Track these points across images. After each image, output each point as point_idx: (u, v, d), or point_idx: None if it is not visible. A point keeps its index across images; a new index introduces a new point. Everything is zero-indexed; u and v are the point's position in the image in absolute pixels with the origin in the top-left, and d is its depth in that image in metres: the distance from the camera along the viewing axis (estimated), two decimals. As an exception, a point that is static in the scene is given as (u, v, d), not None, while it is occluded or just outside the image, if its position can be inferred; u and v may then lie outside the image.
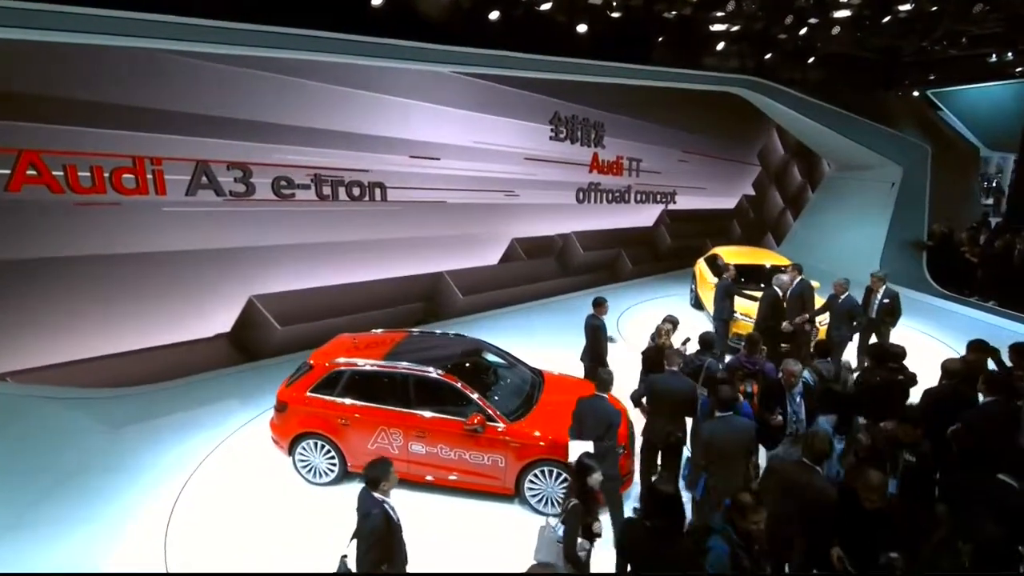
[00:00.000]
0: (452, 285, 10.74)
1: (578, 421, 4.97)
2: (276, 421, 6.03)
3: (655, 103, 12.64)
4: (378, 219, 9.37)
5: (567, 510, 3.61)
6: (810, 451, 3.84)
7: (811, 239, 15.93)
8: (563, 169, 11.54)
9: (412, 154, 9.53)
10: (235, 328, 8.36)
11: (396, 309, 9.94)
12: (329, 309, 9.12)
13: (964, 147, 18.75)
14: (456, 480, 5.61)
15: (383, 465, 3.76)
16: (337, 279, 9.22)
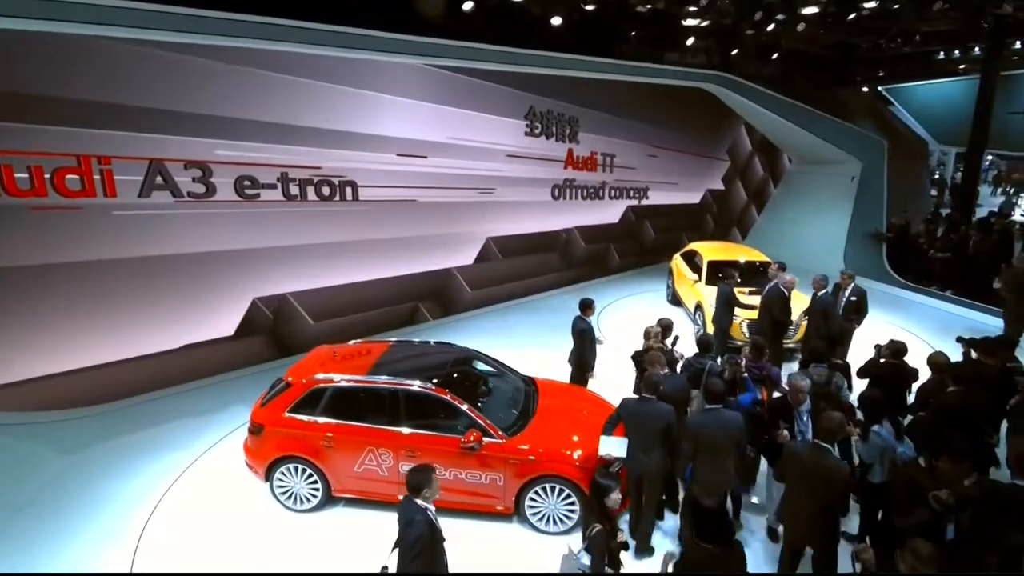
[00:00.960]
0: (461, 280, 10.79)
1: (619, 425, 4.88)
2: (250, 444, 5.55)
3: (629, 98, 12.52)
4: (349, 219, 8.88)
5: (591, 536, 3.37)
6: (822, 432, 3.97)
7: (776, 233, 16.22)
8: (539, 165, 11.27)
9: (395, 152, 9.12)
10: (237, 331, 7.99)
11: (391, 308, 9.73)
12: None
13: (914, 141, 19.53)
14: (451, 501, 5.27)
15: (425, 472, 3.59)
16: (328, 280, 8.91)
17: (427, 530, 3.40)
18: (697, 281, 9.94)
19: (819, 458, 3.84)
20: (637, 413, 4.74)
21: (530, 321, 10.70)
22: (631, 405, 4.82)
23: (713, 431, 4.40)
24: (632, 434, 4.73)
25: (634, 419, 4.76)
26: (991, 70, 14.60)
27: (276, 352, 8.56)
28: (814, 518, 3.88)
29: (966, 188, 16.30)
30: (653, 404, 4.70)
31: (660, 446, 4.63)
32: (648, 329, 6.18)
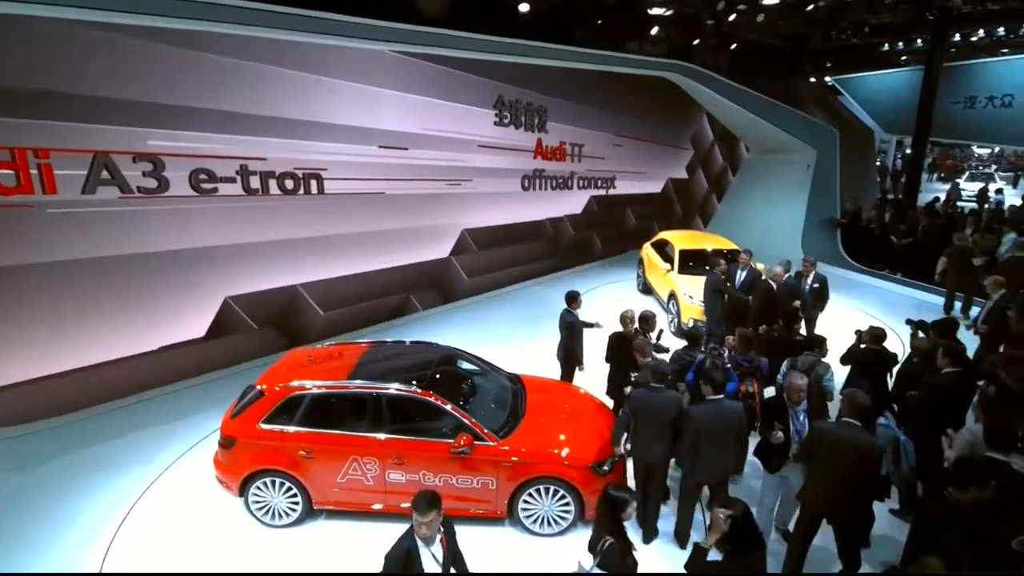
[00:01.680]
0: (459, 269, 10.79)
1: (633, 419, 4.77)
2: (222, 458, 5.17)
3: (595, 87, 12.43)
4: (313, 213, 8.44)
5: (603, 551, 3.22)
6: (852, 408, 4.03)
7: (736, 220, 16.56)
8: (508, 156, 11.04)
9: (362, 142, 8.74)
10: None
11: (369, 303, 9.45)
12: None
13: (862, 130, 20.31)
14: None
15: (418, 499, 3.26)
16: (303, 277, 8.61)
17: (396, 558, 3.16)
18: (670, 270, 9.98)
19: (850, 435, 3.93)
20: (649, 403, 4.72)
21: (504, 315, 10.54)
22: (642, 395, 4.78)
23: (714, 421, 4.46)
24: (643, 424, 4.72)
25: (646, 409, 4.74)
26: (935, 61, 15.28)
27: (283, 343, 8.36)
28: (840, 496, 3.95)
29: (911, 175, 17.10)
30: (663, 392, 4.73)
31: (669, 434, 4.67)
32: (623, 314, 6.14)
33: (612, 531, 3.30)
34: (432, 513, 3.16)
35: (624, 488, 3.46)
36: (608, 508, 3.35)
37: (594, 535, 3.42)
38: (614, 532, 3.30)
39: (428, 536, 3.20)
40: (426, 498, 3.21)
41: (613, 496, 3.36)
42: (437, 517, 3.21)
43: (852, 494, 3.94)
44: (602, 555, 3.21)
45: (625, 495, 3.35)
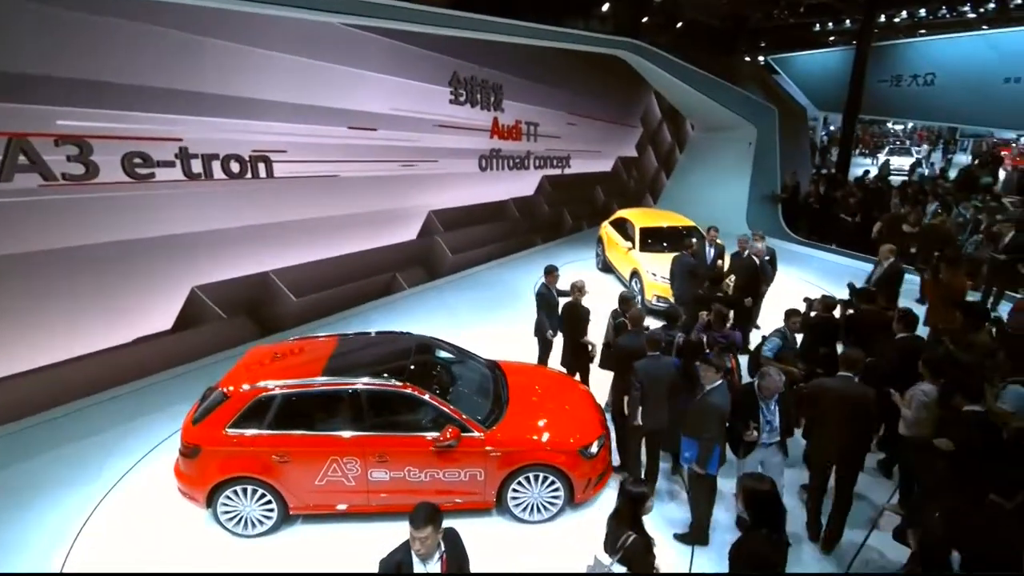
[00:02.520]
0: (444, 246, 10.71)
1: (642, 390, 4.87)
2: (184, 469, 4.77)
3: (549, 64, 12.23)
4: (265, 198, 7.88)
5: (626, 547, 3.14)
6: (845, 363, 4.55)
7: (684, 196, 16.94)
8: (464, 135, 10.71)
9: (313, 122, 8.22)
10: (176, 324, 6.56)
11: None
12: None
13: (795, 108, 21.17)
14: (428, 502, 4.91)
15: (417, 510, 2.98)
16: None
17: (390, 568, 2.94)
18: (631, 248, 10.06)
19: (848, 387, 4.41)
20: (653, 371, 4.91)
21: (466, 299, 10.33)
22: (646, 366, 4.93)
23: (655, 374, 4.89)
24: (652, 393, 4.89)
25: (651, 377, 4.90)
26: (865, 41, 16.04)
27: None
28: (844, 441, 4.38)
29: (843, 150, 18.02)
30: (662, 359, 5.01)
31: (669, 398, 4.91)
32: (573, 284, 6.40)
33: (632, 527, 3.22)
34: (427, 529, 2.87)
35: (642, 483, 3.39)
36: (627, 504, 3.27)
37: (611, 532, 3.33)
38: (634, 528, 3.22)
39: (424, 553, 2.93)
40: (425, 511, 2.93)
41: (633, 492, 3.27)
42: (434, 534, 2.91)
43: (854, 439, 4.35)
44: (624, 552, 3.12)
45: (644, 490, 3.28)
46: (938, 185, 14.88)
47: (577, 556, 4.61)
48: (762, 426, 4.46)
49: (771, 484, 3.11)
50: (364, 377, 4.78)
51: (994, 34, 14.55)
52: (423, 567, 2.96)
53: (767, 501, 3.08)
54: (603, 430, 5.19)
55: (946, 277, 7.48)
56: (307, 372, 4.88)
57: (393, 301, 10.15)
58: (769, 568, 3.07)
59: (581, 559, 4.56)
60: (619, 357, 5.39)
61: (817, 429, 4.64)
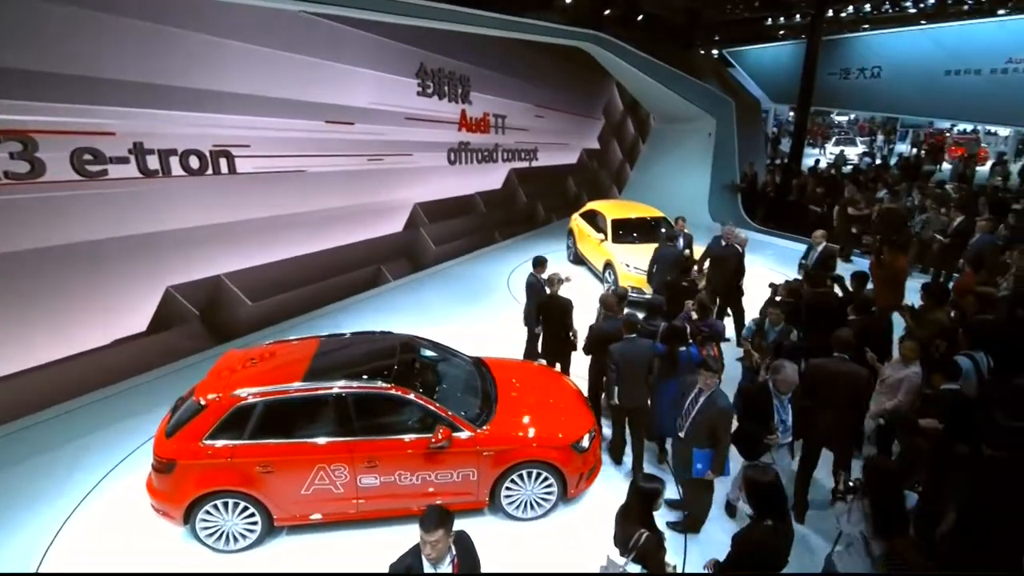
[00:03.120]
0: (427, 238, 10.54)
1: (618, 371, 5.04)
2: (158, 485, 4.49)
3: (514, 57, 12.12)
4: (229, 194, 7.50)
5: (640, 545, 3.11)
6: (838, 343, 4.70)
7: (648, 187, 17.14)
8: (433, 128, 10.49)
9: (280, 115, 7.89)
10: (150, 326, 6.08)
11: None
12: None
13: (750, 100, 21.76)
14: (419, 506, 4.78)
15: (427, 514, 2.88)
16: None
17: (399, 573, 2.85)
18: (604, 240, 10.10)
19: (843, 366, 4.59)
20: (629, 353, 5.06)
21: (439, 294, 10.17)
22: (622, 348, 5.09)
23: (630, 355, 5.07)
24: (628, 373, 5.06)
25: (626, 359, 5.06)
26: (816, 35, 16.60)
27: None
28: (840, 419, 4.54)
29: (797, 141, 18.66)
30: (638, 341, 5.16)
31: (646, 378, 5.10)
32: (551, 276, 6.54)
33: (644, 523, 3.19)
34: (438, 532, 2.78)
35: (654, 478, 3.35)
36: (639, 500, 3.23)
37: (622, 530, 3.28)
38: (646, 524, 3.19)
39: (435, 557, 2.85)
40: (435, 513, 2.84)
41: (645, 488, 3.23)
42: (445, 537, 2.82)
43: (850, 416, 4.53)
44: (639, 550, 3.09)
45: (657, 485, 3.24)
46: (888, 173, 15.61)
47: (573, 551, 4.60)
48: (776, 425, 4.29)
49: (774, 475, 3.14)
50: (350, 380, 4.61)
51: (936, 29, 15.31)
52: (434, 571, 2.87)
53: (770, 492, 3.11)
54: (593, 424, 5.18)
55: (888, 259, 7.84)
56: (288, 377, 4.66)
57: (365, 299, 9.88)
58: (773, 558, 3.11)
59: (577, 554, 4.56)
60: (597, 340, 5.60)
61: (812, 409, 4.72)
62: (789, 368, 4.29)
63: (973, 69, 13.95)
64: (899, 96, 15.93)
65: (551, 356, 6.51)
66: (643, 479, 3.29)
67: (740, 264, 7.83)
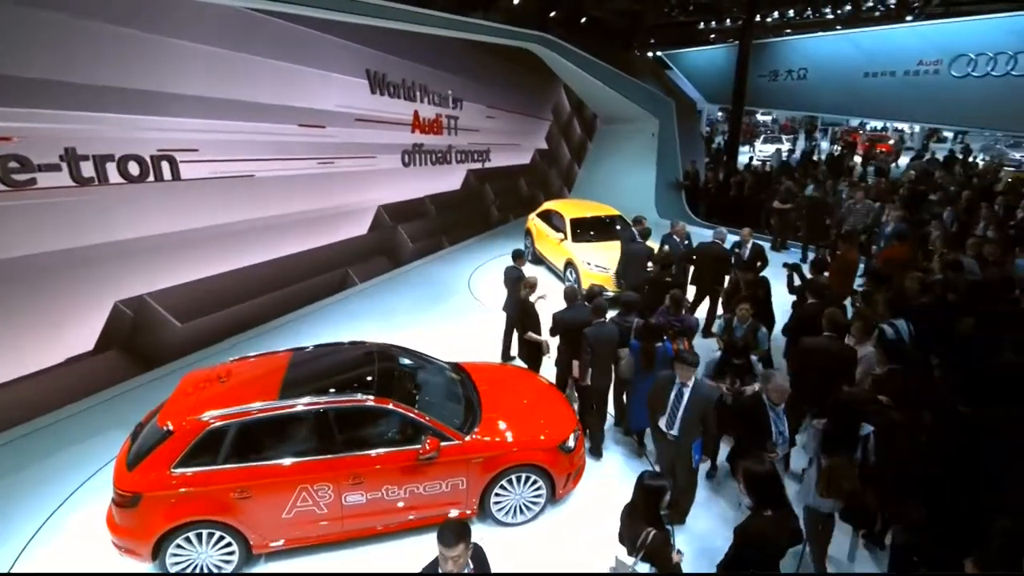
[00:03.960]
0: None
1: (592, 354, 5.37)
2: (121, 521, 4.11)
3: (464, 57, 12.01)
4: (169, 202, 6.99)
5: (647, 544, 3.11)
6: (830, 323, 5.07)
7: (596, 186, 17.47)
8: (386, 130, 10.22)
9: (227, 117, 7.43)
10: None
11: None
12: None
13: (687, 101, 22.61)
14: (410, 521, 4.64)
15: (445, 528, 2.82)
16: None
17: None
18: (563, 239, 10.18)
19: (832, 343, 5.01)
20: (600, 335, 5.37)
21: (402, 298, 9.92)
22: (594, 331, 5.37)
23: (602, 338, 5.39)
24: (600, 355, 5.36)
25: (599, 341, 5.36)
26: (747, 39, 17.45)
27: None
28: (825, 392, 4.63)
29: (732, 139, 19.54)
30: (607, 325, 5.49)
31: (612, 362, 5.47)
32: (526, 280, 6.72)
33: (651, 522, 3.20)
34: (460, 547, 2.73)
35: (660, 476, 3.37)
36: (646, 499, 3.24)
37: (629, 528, 3.28)
38: (653, 523, 3.20)
39: (454, 572, 2.78)
40: (454, 528, 2.77)
41: (651, 486, 3.24)
42: (465, 552, 2.78)
43: (842, 412, 4.55)
44: (647, 549, 3.10)
45: (663, 483, 3.26)
46: (819, 170, 16.66)
47: (567, 553, 4.59)
48: (774, 437, 4.16)
49: (770, 466, 3.23)
50: (330, 394, 4.40)
51: (856, 34, 16.46)
52: None
53: (768, 482, 3.20)
54: (576, 423, 5.19)
55: (843, 251, 8.40)
56: (262, 395, 4.39)
57: (322, 309, 9.50)
58: (773, 547, 3.21)
59: (572, 555, 4.55)
60: (565, 328, 5.86)
61: (800, 383, 4.97)
62: (779, 377, 4.21)
63: (889, 71, 15.10)
64: (823, 96, 17.03)
65: (527, 360, 6.58)
66: (649, 477, 3.30)
67: (728, 261, 7.99)
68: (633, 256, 8.25)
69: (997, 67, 12.95)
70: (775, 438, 4.14)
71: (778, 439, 4.17)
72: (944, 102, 14.18)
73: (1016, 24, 12.54)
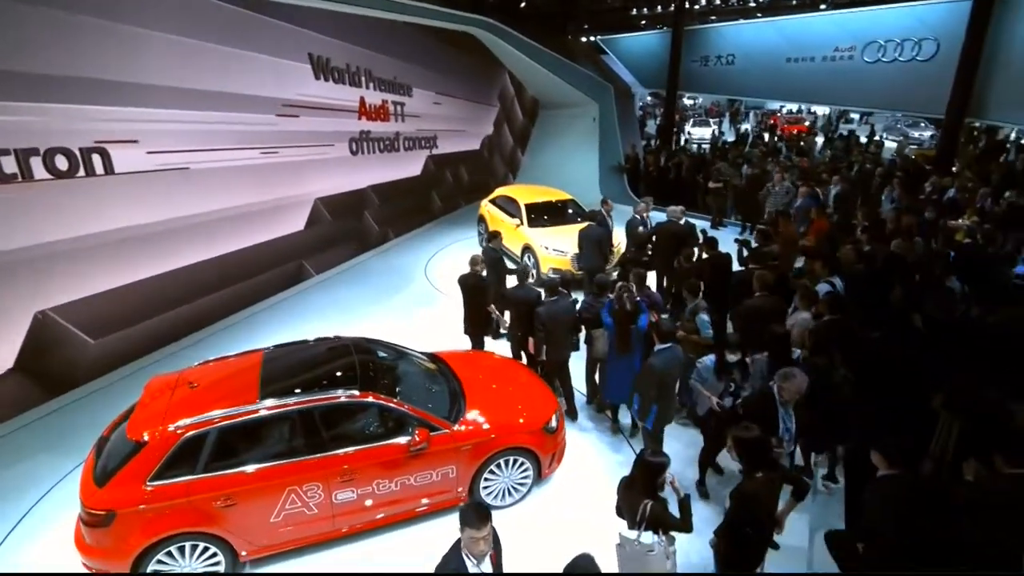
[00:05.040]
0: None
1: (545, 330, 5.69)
2: (94, 541, 3.85)
3: (410, 42, 11.70)
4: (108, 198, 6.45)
5: (648, 515, 3.25)
6: (762, 284, 5.77)
7: (541, 172, 17.58)
8: (332, 117, 9.83)
9: (157, 105, 6.91)
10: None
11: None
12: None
13: (624, 86, 23.08)
14: (402, 513, 4.61)
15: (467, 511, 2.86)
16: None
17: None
18: (520, 225, 10.23)
19: (765, 301, 5.68)
20: (555, 312, 5.69)
21: (358, 291, 9.67)
22: (547, 309, 5.69)
23: (556, 314, 5.73)
24: (555, 331, 5.68)
25: (555, 319, 5.66)
26: (680, 25, 18.00)
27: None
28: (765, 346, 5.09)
29: (668, 123, 20.21)
30: (560, 301, 5.80)
31: (569, 335, 5.85)
32: (472, 257, 6.72)
33: (648, 494, 3.33)
34: (487, 526, 2.80)
35: (661, 453, 3.49)
36: (646, 474, 3.35)
37: (627, 505, 3.38)
38: (651, 495, 3.33)
39: (484, 552, 2.83)
40: (477, 510, 2.82)
41: (652, 462, 3.36)
42: (492, 530, 2.86)
43: (777, 344, 4.99)
44: (649, 519, 3.23)
45: (663, 460, 3.39)
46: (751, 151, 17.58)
47: (558, 530, 4.69)
48: (782, 435, 4.07)
49: (758, 431, 3.44)
50: (314, 392, 4.27)
51: (780, 21, 17.32)
52: (478, 568, 2.83)
53: (757, 447, 3.41)
54: (557, 404, 5.30)
55: (782, 227, 8.96)
56: (240, 398, 4.20)
57: (275, 305, 9.10)
58: (767, 505, 3.45)
59: (562, 531, 4.67)
60: (515, 305, 6.15)
61: (745, 336, 5.42)
62: (800, 377, 4.01)
63: (809, 57, 16.03)
64: (750, 81, 17.87)
65: (471, 335, 6.82)
66: (651, 455, 3.44)
67: (687, 239, 8.20)
68: (587, 238, 8.40)
69: (904, 52, 14.06)
70: (783, 434, 4.06)
71: (784, 435, 4.09)
72: (858, 85, 15.25)
73: (920, 12, 13.65)
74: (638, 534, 3.28)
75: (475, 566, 2.83)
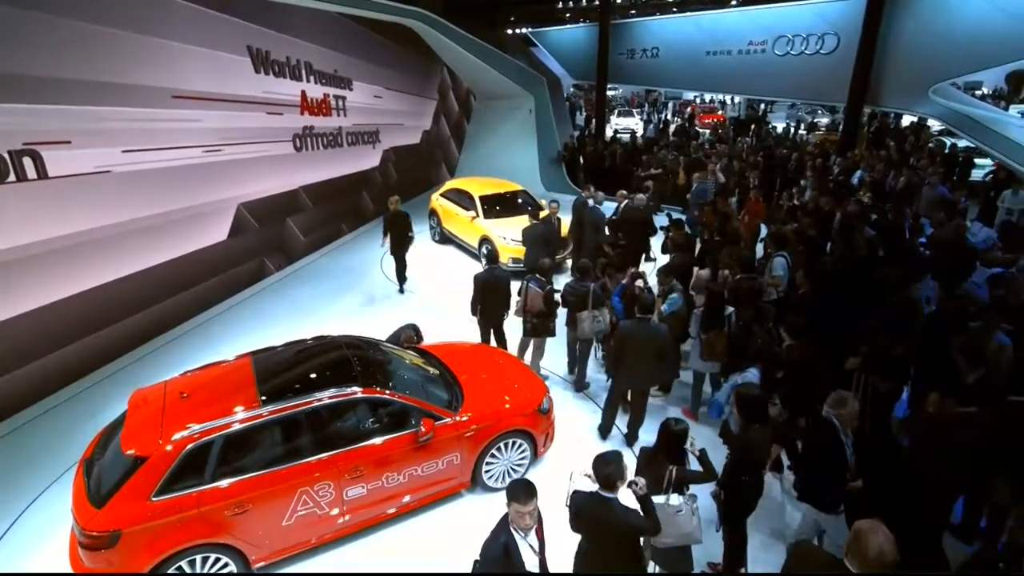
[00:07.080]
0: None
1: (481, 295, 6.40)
2: (97, 564, 3.64)
3: (348, 34, 11.40)
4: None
5: (672, 481, 3.52)
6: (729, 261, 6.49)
7: (479, 165, 17.61)
8: (272, 112, 9.45)
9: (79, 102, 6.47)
10: None
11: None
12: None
13: (554, 78, 23.50)
14: (411, 503, 4.67)
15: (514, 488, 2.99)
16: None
17: (498, 557, 2.92)
18: (475, 217, 10.32)
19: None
20: (490, 279, 6.28)
21: (315, 291, 9.42)
22: (482, 276, 6.38)
23: (488, 282, 6.31)
24: (489, 297, 6.35)
25: (490, 287, 6.26)
26: (606, 18, 18.58)
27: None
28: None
29: (599, 114, 20.86)
30: (497, 271, 6.45)
31: (501, 301, 6.50)
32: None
33: (674, 460, 3.58)
34: (535, 500, 2.94)
35: (682, 420, 3.71)
36: (672, 441, 3.59)
37: (648, 474, 3.55)
38: (676, 460, 3.59)
39: (530, 525, 2.98)
40: (524, 485, 2.96)
41: (677, 430, 3.59)
42: (537, 505, 2.99)
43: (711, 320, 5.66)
44: (675, 483, 3.51)
45: (685, 426, 3.63)
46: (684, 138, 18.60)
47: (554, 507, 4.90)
48: (847, 458, 3.65)
49: (757, 388, 3.85)
50: (318, 391, 4.24)
51: (699, 16, 18.39)
52: (524, 541, 2.98)
53: (756, 403, 3.81)
54: (545, 388, 5.52)
55: (722, 207, 9.66)
56: (241, 403, 4.10)
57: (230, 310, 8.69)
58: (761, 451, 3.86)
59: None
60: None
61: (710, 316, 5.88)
62: (852, 401, 3.64)
63: (726, 50, 17.13)
64: (673, 73, 18.84)
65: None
66: (675, 422, 3.66)
67: (647, 223, 8.59)
68: (531, 236, 8.39)
69: (809, 46, 15.38)
70: (849, 458, 3.64)
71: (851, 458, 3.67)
72: (770, 77, 16.52)
73: (822, 9, 15.03)
74: (666, 498, 3.54)
75: (522, 539, 2.98)
